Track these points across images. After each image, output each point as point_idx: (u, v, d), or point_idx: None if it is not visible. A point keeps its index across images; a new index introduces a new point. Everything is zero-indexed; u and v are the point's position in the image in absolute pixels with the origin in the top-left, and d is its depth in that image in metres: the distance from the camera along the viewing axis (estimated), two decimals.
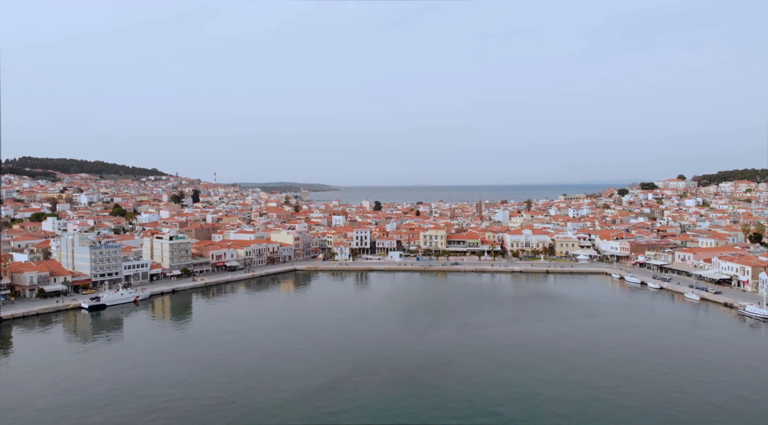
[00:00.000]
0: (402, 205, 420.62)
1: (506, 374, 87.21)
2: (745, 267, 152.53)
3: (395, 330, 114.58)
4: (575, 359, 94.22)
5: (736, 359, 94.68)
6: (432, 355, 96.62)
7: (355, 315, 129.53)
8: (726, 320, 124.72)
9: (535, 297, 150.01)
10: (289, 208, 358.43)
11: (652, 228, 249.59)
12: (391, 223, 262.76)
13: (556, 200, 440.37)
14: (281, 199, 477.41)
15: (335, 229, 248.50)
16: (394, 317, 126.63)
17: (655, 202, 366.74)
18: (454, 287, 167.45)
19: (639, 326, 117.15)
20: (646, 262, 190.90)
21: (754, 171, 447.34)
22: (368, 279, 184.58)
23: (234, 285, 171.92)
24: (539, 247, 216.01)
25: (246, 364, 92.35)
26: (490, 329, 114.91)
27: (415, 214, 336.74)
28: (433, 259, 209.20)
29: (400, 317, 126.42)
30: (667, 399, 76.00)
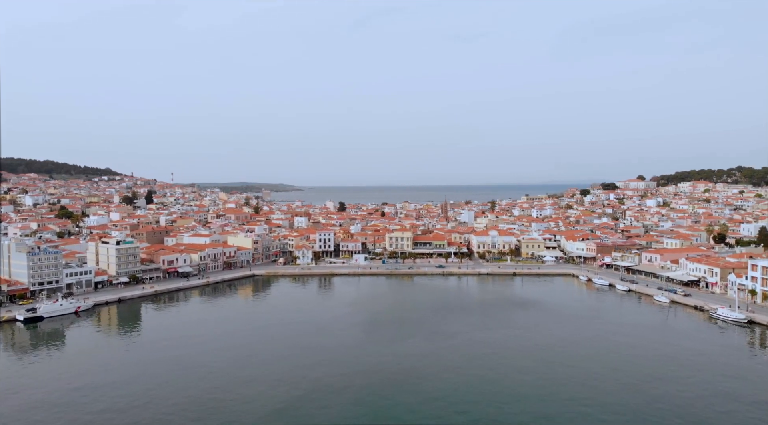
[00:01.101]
0: (367, 206, 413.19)
1: (480, 389, 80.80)
2: (713, 269, 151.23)
3: (361, 341, 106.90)
4: (551, 372, 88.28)
5: (719, 376, 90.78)
6: (402, 370, 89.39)
7: (318, 324, 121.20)
8: (698, 324, 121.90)
9: (504, 301, 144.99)
10: (248, 210, 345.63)
11: (616, 229, 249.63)
12: (355, 225, 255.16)
13: (519, 200, 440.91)
14: (241, 199, 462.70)
15: (297, 231, 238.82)
16: (359, 326, 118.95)
17: (617, 203, 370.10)
18: (421, 291, 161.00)
19: (612, 333, 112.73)
20: (612, 263, 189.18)
21: (710, 171, 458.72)
22: (332, 284, 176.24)
23: (187, 293, 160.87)
24: (505, 249, 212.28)
25: (198, 384, 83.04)
26: (459, 338, 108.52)
27: (380, 215, 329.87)
28: (399, 262, 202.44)
29: (366, 326, 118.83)
30: (649, 412, 70.91)
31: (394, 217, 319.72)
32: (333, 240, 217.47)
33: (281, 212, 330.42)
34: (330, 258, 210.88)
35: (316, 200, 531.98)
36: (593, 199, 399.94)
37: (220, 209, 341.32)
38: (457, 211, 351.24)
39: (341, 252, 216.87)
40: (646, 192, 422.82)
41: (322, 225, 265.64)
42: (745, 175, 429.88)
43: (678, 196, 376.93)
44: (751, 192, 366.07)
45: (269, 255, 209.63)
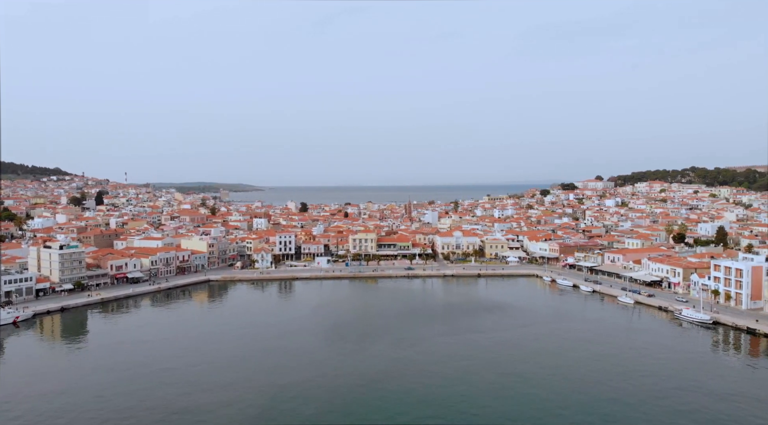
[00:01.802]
0: (330, 206, 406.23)
1: (445, 399, 76.27)
2: (675, 269, 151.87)
3: (324, 350, 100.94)
4: (520, 383, 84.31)
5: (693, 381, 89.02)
6: (367, 381, 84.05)
7: (276, 332, 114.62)
8: (663, 326, 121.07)
9: (470, 304, 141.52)
10: (205, 211, 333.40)
11: (577, 229, 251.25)
12: (318, 226, 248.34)
13: (481, 200, 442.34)
14: (197, 200, 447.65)
15: (256, 234, 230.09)
16: (322, 333, 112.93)
17: (577, 203, 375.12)
18: (385, 295, 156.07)
19: (579, 337, 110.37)
20: (575, 264, 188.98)
21: (665, 172, 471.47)
22: (293, 288, 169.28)
23: (137, 300, 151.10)
24: (469, 249, 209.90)
25: (146, 400, 75.87)
26: (425, 344, 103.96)
27: (344, 216, 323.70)
28: (363, 264, 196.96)
29: (328, 333, 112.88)
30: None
31: (357, 218, 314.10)
32: (294, 243, 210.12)
33: (239, 213, 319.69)
34: (291, 261, 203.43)
35: (277, 201, 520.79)
36: (553, 199, 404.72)
37: (174, 210, 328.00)
38: (421, 211, 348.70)
39: (303, 254, 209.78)
40: (605, 192, 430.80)
41: (282, 227, 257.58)
42: (699, 176, 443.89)
43: (636, 196, 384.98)
44: (705, 192, 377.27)
45: (226, 259, 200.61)
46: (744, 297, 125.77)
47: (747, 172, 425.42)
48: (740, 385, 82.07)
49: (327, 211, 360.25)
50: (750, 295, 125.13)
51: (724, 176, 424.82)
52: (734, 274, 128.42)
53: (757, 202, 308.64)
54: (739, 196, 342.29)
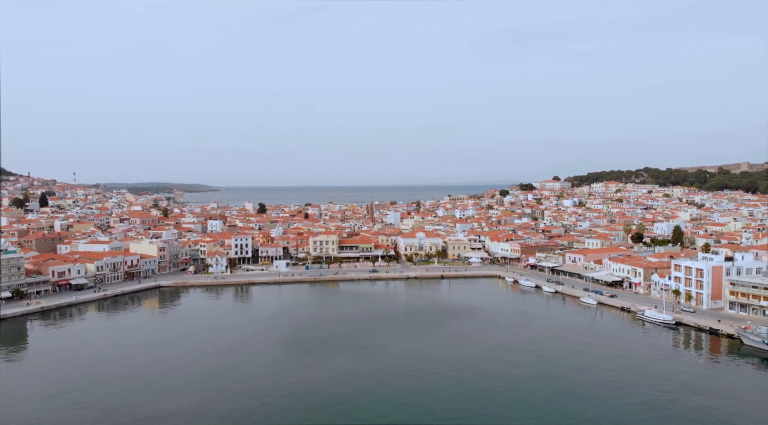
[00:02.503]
0: (289, 207, 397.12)
1: (410, 412, 71.96)
2: (636, 269, 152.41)
3: (281, 363, 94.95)
4: (487, 393, 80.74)
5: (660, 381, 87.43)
6: (328, 396, 78.66)
7: (231, 343, 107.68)
8: (627, 327, 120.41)
9: (433, 307, 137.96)
10: (157, 212, 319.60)
11: (537, 229, 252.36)
12: (276, 228, 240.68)
13: (442, 201, 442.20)
14: (149, 201, 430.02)
15: (211, 236, 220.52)
16: (279, 343, 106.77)
17: (535, 203, 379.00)
18: (347, 299, 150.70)
19: (544, 341, 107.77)
20: (537, 264, 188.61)
21: (620, 172, 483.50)
22: (249, 294, 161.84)
23: (82, 308, 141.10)
24: (432, 250, 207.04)
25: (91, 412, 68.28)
26: (388, 352, 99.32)
27: (304, 217, 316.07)
28: (324, 267, 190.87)
29: (286, 343, 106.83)
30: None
31: (318, 219, 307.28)
32: (251, 246, 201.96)
33: (194, 215, 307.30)
34: (247, 265, 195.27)
35: (234, 201, 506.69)
36: (512, 199, 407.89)
37: (124, 212, 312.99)
38: (383, 212, 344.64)
39: (260, 258, 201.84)
40: (562, 192, 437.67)
41: (239, 229, 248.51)
42: (652, 176, 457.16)
43: (592, 196, 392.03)
44: (658, 192, 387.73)
45: (178, 264, 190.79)
46: (705, 297, 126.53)
47: (698, 172, 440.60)
48: (708, 383, 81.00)
49: (286, 212, 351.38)
50: (710, 295, 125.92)
51: (676, 176, 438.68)
52: (695, 274, 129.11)
53: (709, 201, 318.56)
54: (692, 196, 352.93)
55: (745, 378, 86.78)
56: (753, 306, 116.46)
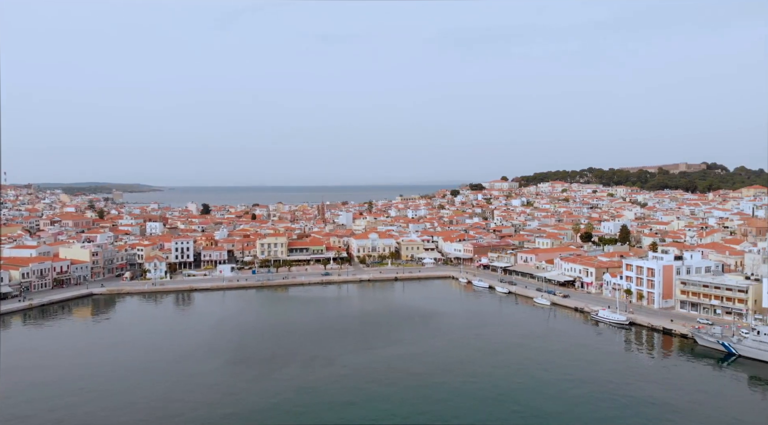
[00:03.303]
0: (235, 208, 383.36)
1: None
2: (588, 269, 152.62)
3: (223, 378, 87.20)
4: (445, 404, 76.45)
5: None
6: (274, 415, 72.01)
7: (170, 355, 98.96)
8: (581, 328, 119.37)
9: (388, 311, 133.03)
10: (92, 214, 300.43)
11: (488, 228, 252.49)
12: (221, 230, 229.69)
13: (394, 201, 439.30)
14: (85, 202, 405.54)
15: (149, 239, 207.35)
16: (222, 355, 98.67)
17: (485, 202, 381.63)
18: (297, 305, 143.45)
19: (500, 343, 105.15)
20: (490, 264, 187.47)
21: (565, 172, 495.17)
22: (191, 301, 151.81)
23: (5, 319, 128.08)
24: (386, 252, 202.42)
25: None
26: (341, 361, 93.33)
27: (251, 218, 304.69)
28: (273, 271, 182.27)
29: (230, 354, 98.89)
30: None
31: (266, 220, 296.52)
32: (192, 249, 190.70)
33: (132, 217, 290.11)
34: (189, 270, 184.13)
35: (177, 202, 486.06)
36: (463, 199, 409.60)
37: (56, 214, 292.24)
38: (335, 212, 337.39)
39: (203, 262, 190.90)
40: (511, 192, 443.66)
41: (180, 231, 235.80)
42: (596, 176, 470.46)
43: (540, 196, 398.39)
44: (603, 191, 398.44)
45: (113, 269, 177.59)
46: (656, 297, 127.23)
47: (639, 172, 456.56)
48: (663, 384, 79.51)
49: (232, 213, 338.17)
50: (662, 294, 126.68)
51: (618, 176, 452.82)
52: (646, 274, 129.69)
53: (652, 201, 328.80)
54: (635, 195, 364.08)
55: (700, 379, 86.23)
56: (704, 305, 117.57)
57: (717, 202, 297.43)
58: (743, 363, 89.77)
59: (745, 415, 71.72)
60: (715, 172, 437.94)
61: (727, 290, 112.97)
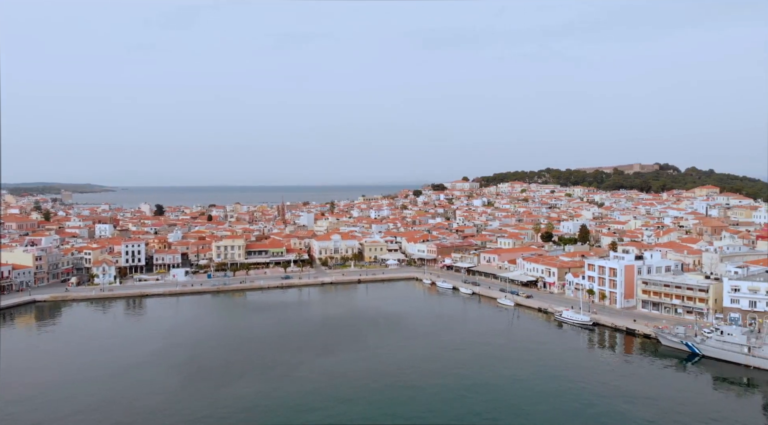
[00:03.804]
0: (191, 209, 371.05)
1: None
2: (550, 269, 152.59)
3: (175, 391, 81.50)
4: (410, 408, 73.56)
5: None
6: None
7: (117, 366, 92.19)
8: (545, 328, 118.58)
9: (351, 315, 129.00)
10: (37, 216, 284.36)
11: (450, 229, 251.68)
12: (175, 232, 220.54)
13: (356, 201, 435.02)
14: (31, 203, 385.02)
15: (98, 242, 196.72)
16: (175, 366, 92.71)
17: (447, 203, 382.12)
18: (255, 311, 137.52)
19: (464, 348, 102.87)
20: (453, 265, 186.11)
21: (523, 173, 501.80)
22: (143, 307, 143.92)
23: None
24: (348, 253, 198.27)
25: None
26: (302, 371, 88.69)
27: (207, 219, 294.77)
28: (229, 275, 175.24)
29: (183, 366, 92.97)
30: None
31: (223, 222, 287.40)
32: (144, 252, 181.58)
33: (80, 218, 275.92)
34: (140, 274, 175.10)
35: (130, 203, 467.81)
36: (425, 199, 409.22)
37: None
38: (296, 213, 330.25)
39: (155, 266, 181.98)
40: (472, 192, 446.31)
41: (132, 234, 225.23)
42: (553, 176, 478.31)
43: (500, 196, 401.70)
44: (561, 191, 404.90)
45: (58, 274, 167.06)
46: (618, 297, 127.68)
47: (595, 173, 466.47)
48: (629, 384, 78.60)
49: (187, 214, 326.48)
50: (624, 294, 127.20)
51: (575, 177, 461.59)
52: (608, 273, 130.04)
53: (608, 200, 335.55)
54: (591, 195, 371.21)
55: (665, 379, 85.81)
56: (665, 305, 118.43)
57: (671, 202, 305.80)
58: (707, 364, 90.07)
59: (709, 415, 71.36)
60: (668, 173, 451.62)
61: (688, 289, 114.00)
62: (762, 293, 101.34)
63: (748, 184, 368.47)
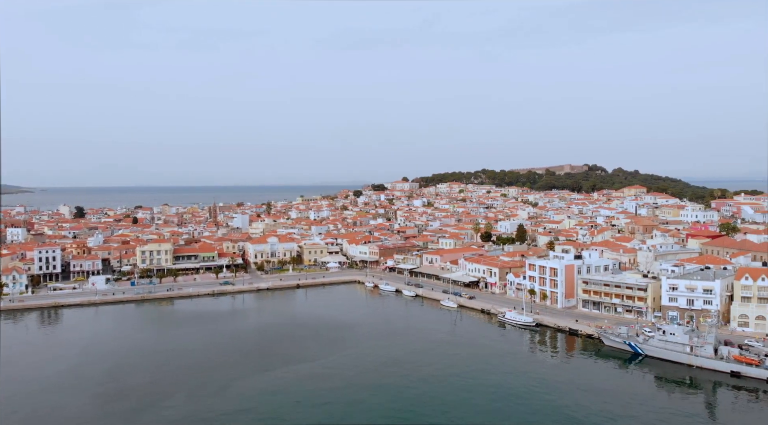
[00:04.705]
0: (115, 211, 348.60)
1: None
2: (492, 269, 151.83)
3: (92, 412, 72.83)
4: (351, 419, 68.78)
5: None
6: None
7: (24, 388, 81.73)
8: (488, 330, 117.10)
9: (290, 324, 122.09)
10: None
11: (392, 229, 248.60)
12: (96, 236, 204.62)
13: (294, 202, 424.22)
14: None
15: (8, 248, 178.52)
16: (92, 386, 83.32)
17: (387, 203, 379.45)
18: (183, 321, 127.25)
19: (406, 353, 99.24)
20: (396, 267, 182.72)
21: (460, 174, 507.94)
22: (57, 319, 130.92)
23: None
24: (286, 257, 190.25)
25: None
26: (235, 391, 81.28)
27: (132, 222, 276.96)
28: (155, 283, 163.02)
29: (101, 386, 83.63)
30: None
31: (150, 224, 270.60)
32: (60, 258, 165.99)
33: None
34: (56, 282, 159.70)
35: (49, 204, 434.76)
36: (366, 200, 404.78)
37: None
38: (229, 214, 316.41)
39: (73, 273, 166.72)
40: (412, 193, 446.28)
41: (47, 238, 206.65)
42: (489, 177, 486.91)
43: (439, 197, 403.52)
44: (496, 192, 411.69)
45: None
46: (559, 296, 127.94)
47: (528, 173, 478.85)
48: (573, 384, 77.21)
49: (110, 217, 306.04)
50: (564, 294, 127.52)
51: (509, 177, 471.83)
52: (549, 273, 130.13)
53: (542, 200, 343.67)
54: (526, 195, 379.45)
55: (608, 379, 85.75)
56: (605, 304, 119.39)
57: (602, 202, 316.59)
58: (650, 363, 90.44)
59: (653, 415, 70.94)
60: (596, 173, 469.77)
61: (628, 289, 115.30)
62: (699, 291, 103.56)
63: (671, 184, 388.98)
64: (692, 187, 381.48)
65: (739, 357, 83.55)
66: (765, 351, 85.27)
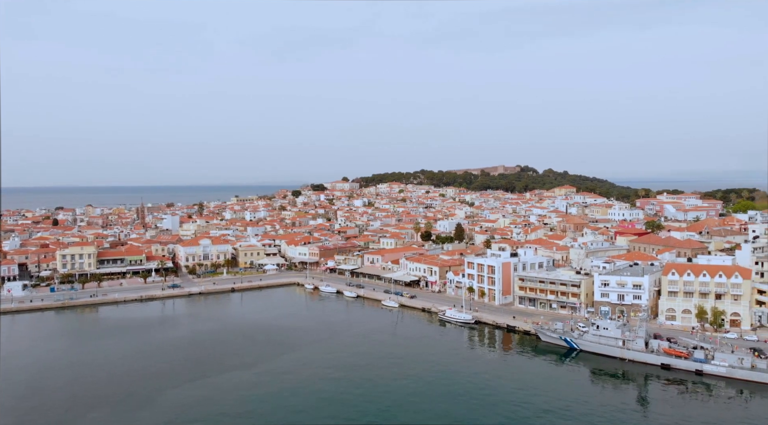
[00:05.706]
0: (33, 212, 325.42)
1: None
2: (432, 268, 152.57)
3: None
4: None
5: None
6: None
7: None
8: (429, 328, 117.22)
9: (224, 331, 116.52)
10: None
11: (332, 230, 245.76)
12: (12, 239, 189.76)
13: (229, 202, 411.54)
14: None
15: None
16: (6, 404, 75.84)
17: (328, 203, 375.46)
18: (107, 330, 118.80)
19: (349, 355, 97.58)
20: (336, 268, 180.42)
21: (400, 174, 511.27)
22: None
23: None
24: (220, 259, 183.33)
25: None
26: (163, 401, 76.52)
27: (52, 224, 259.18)
28: (77, 288, 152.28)
29: (17, 405, 76.26)
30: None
31: (72, 226, 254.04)
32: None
33: None
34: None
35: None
36: (305, 200, 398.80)
37: None
38: (158, 215, 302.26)
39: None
40: (352, 192, 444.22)
41: None
42: (427, 177, 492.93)
43: (380, 197, 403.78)
44: (435, 192, 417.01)
45: None
46: (497, 293, 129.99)
47: (464, 174, 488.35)
48: (510, 380, 78.14)
49: (28, 219, 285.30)
50: (501, 291, 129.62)
51: (447, 178, 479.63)
52: (486, 271, 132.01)
53: (478, 200, 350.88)
54: (463, 195, 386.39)
55: (544, 374, 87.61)
56: (540, 301, 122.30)
57: (534, 201, 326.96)
58: (584, 358, 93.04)
59: (586, 408, 72.84)
60: (528, 174, 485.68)
61: (562, 285, 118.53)
62: (629, 287, 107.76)
63: (599, 184, 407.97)
64: (618, 187, 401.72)
65: (668, 350, 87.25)
66: (693, 344, 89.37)
